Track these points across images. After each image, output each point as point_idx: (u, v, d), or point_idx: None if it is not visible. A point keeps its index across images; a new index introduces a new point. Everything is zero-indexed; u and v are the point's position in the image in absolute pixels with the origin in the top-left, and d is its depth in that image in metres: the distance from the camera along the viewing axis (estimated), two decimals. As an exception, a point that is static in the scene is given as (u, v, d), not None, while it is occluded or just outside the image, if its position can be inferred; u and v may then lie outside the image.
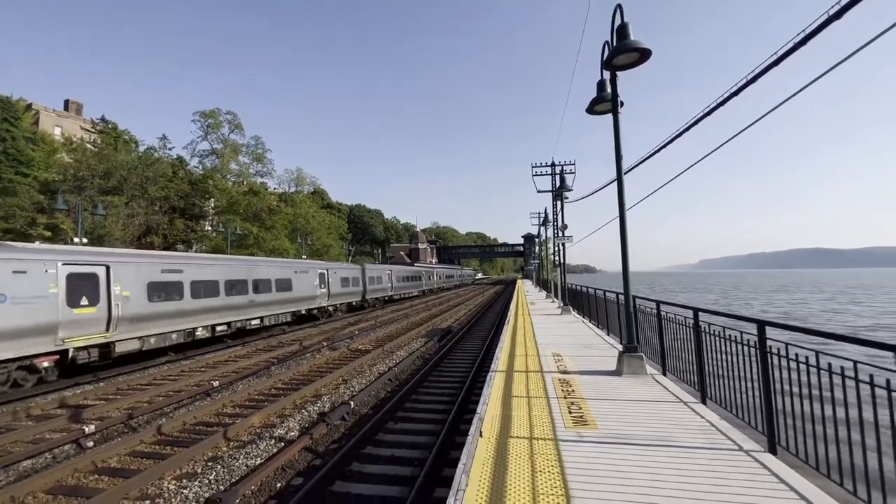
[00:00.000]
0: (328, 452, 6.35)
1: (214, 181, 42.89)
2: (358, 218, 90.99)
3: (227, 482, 5.44)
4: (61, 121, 55.11)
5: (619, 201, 6.56)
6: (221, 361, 13.03)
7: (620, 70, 6.23)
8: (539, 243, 45.52)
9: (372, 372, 11.03)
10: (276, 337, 17.84)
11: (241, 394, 9.06)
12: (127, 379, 10.96)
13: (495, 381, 6.12)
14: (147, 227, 35.62)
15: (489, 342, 14.36)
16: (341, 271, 26.13)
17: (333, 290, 24.63)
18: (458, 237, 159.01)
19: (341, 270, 26.18)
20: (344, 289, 26.09)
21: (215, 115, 47.10)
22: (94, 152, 34.42)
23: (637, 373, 6.22)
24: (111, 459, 6.13)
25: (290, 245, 43.41)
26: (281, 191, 60.80)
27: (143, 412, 8.22)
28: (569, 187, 16.41)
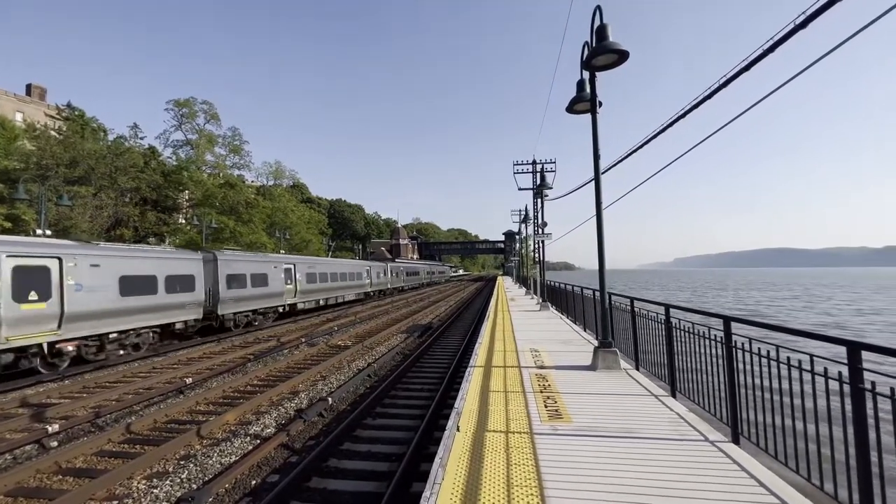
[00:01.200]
0: (305, 449, 6.29)
1: (189, 172, 41.55)
2: (338, 213, 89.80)
3: (199, 480, 5.33)
4: (23, 106, 52.31)
5: (596, 200, 6.69)
6: (195, 358, 12.71)
7: (600, 70, 6.33)
8: (519, 240, 45.98)
9: (351, 368, 10.96)
10: (252, 333, 17.50)
11: (215, 391, 8.87)
12: (94, 376, 10.58)
13: (474, 376, 6.18)
14: (116, 218, 34.28)
15: (469, 338, 14.45)
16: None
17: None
18: (439, 233, 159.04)
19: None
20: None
21: (190, 104, 45.60)
22: (58, 140, 32.80)
23: (611, 367, 6.39)
24: (76, 459, 5.92)
25: (269, 239, 42.53)
26: (259, 184, 59.45)
27: (112, 410, 7.95)
28: (549, 185, 16.62)
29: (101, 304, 11.88)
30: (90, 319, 11.59)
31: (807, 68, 4.24)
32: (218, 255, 17.08)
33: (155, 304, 13.67)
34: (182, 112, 45.66)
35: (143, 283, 13.33)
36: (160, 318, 13.94)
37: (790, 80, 4.29)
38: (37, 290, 10.41)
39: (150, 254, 14.16)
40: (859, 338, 2.80)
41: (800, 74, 4.29)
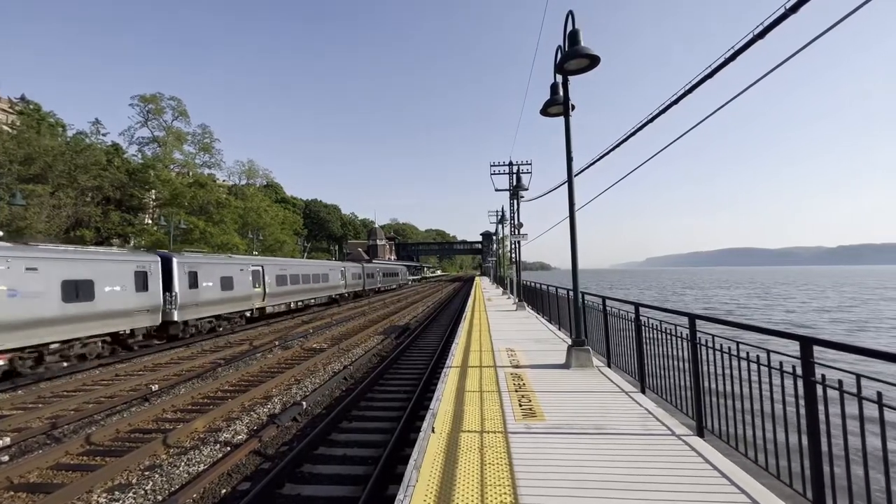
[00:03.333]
0: (278, 455, 6.15)
1: (156, 171, 39.97)
2: (314, 213, 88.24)
3: (165, 491, 5.13)
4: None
5: (569, 201, 6.82)
6: (162, 364, 12.23)
7: (572, 74, 6.46)
8: (496, 241, 46.38)
9: (326, 371, 10.79)
10: (223, 337, 16.98)
11: (183, 397, 8.56)
12: (50, 385, 10.03)
13: (450, 377, 6.19)
14: (77, 219, 32.64)
15: (446, 338, 14.46)
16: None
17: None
18: (417, 234, 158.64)
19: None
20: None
21: (156, 99, 43.89)
22: (12, 135, 30.95)
23: (584, 365, 6.52)
24: (30, 474, 5.59)
25: (241, 241, 41.38)
26: (231, 183, 57.79)
27: (70, 421, 7.56)
28: (524, 186, 16.84)
29: (39, 312, 10.87)
30: (25, 329, 10.57)
31: (766, 74, 4.45)
32: (176, 256, 16.09)
33: (102, 310, 12.59)
34: (148, 108, 43.90)
35: (89, 288, 12.32)
36: (108, 325, 12.89)
37: (757, 82, 4.50)
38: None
39: (96, 256, 13.04)
40: (813, 333, 2.96)
41: (763, 78, 4.50)
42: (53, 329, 11.22)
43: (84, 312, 12.05)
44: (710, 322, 4.02)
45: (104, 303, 12.69)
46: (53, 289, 11.27)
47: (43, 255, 11.29)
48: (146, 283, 14.30)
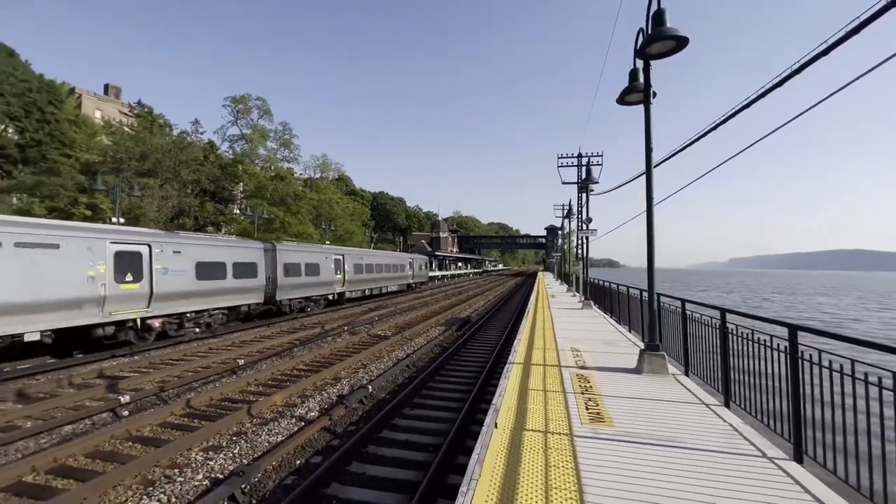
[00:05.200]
0: (346, 434, 6.52)
1: (243, 165, 43.92)
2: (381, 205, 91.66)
3: (249, 456, 5.67)
4: (101, 104, 57.31)
5: (647, 195, 6.37)
6: (247, 341, 13.50)
7: (654, 59, 5.98)
8: (562, 236, 44.86)
9: (390, 358, 11.21)
10: (298, 320, 18.32)
11: (264, 373, 9.39)
12: (159, 354, 11.51)
13: (512, 373, 6.12)
14: (179, 208, 36.90)
15: (507, 333, 14.33)
16: None
17: None
18: (479, 227, 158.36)
19: None
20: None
21: (245, 100, 48.02)
22: (131, 135, 35.74)
23: (658, 372, 6.10)
24: (144, 429, 6.48)
25: (315, 230, 44.17)
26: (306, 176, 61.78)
27: (174, 386, 8.63)
28: (595, 180, 16.02)
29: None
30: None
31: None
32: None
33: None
34: (238, 108, 48.21)
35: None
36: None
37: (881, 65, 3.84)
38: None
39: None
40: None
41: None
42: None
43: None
44: (813, 334, 3.53)
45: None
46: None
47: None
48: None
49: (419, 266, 38.09)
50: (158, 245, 12.68)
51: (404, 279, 34.05)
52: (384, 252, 34.47)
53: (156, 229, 14.89)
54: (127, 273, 11.68)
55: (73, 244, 10.49)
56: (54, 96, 34.89)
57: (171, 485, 4.86)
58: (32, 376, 9.36)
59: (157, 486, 4.81)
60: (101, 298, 10.93)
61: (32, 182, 29.47)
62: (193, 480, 4.99)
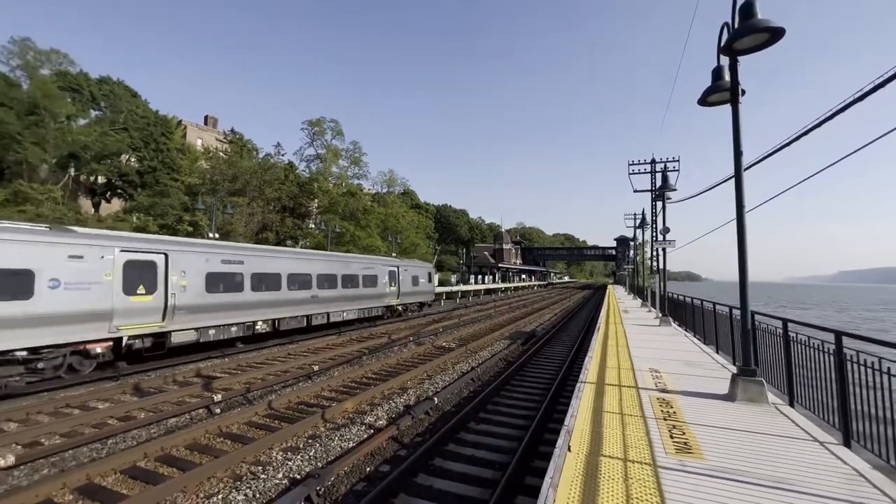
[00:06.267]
0: (412, 444, 6.59)
1: (318, 183, 47.29)
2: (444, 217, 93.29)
3: (324, 460, 5.94)
4: (202, 133, 65.19)
5: (736, 202, 5.78)
6: (321, 348, 14.29)
7: (743, 54, 5.47)
8: (634, 246, 42.25)
9: (455, 370, 11.21)
10: (367, 329, 19.06)
11: (336, 379, 9.85)
12: (245, 357, 12.58)
13: (584, 393, 5.80)
14: (263, 224, 40.52)
15: (576, 350, 13.70)
16: None
17: None
18: (544, 238, 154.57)
19: None
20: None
21: (320, 123, 51.92)
22: (224, 159, 40.18)
23: (755, 400, 5.42)
24: (233, 426, 7.07)
25: (382, 243, 46.05)
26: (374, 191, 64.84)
27: (258, 388, 9.35)
28: (672, 186, 14.91)
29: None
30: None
31: None
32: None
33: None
34: (314, 130, 52.22)
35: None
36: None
37: None
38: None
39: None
40: None
41: None
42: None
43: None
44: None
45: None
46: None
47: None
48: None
49: (411, 278, 24.53)
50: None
51: (374, 300, 21.12)
52: (321, 253, 20.19)
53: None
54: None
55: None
56: (166, 129, 40.30)
57: (255, 481, 5.22)
58: (145, 373, 10.69)
59: (244, 482, 5.20)
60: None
61: (148, 203, 34.12)
62: (274, 479, 5.33)
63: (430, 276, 27.41)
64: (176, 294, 11.73)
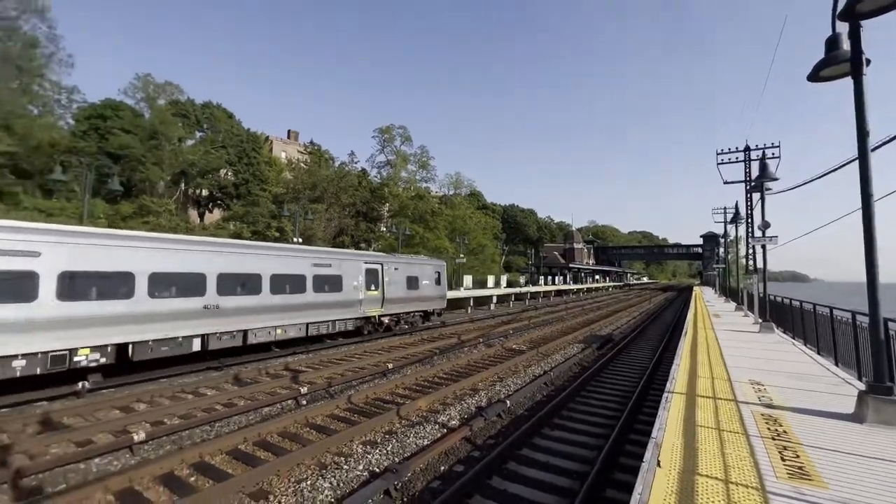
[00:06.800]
0: (485, 446, 6.55)
1: (389, 188, 49.22)
2: (511, 218, 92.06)
3: (400, 455, 6.13)
4: (285, 146, 71.10)
5: (861, 190, 4.94)
6: (395, 346, 14.82)
7: (870, 17, 4.68)
8: (725, 244, 38.20)
9: (527, 373, 10.97)
10: (437, 329, 19.39)
11: (409, 378, 10.13)
12: (327, 353, 13.44)
13: (673, 403, 5.33)
14: (340, 228, 43.11)
15: (658, 356, 12.71)
16: None
17: None
18: (619, 237, 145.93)
19: None
20: None
21: (389, 130, 54.01)
22: (305, 170, 43.46)
23: (891, 423, 4.59)
24: (317, 417, 7.58)
25: (450, 244, 46.67)
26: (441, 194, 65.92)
27: (338, 382, 9.93)
28: (772, 175, 13.18)
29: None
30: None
31: None
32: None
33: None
34: (384, 137, 54.48)
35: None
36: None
37: None
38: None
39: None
40: None
41: None
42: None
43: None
44: None
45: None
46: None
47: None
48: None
49: (405, 279, 18.85)
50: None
51: (338, 310, 15.40)
52: (232, 243, 13.40)
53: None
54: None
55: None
56: (256, 144, 44.56)
57: (338, 470, 5.54)
58: (243, 364, 11.88)
59: (329, 470, 5.54)
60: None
61: (242, 212, 37.97)
62: (355, 470, 5.60)
63: (438, 277, 21.37)
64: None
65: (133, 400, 8.58)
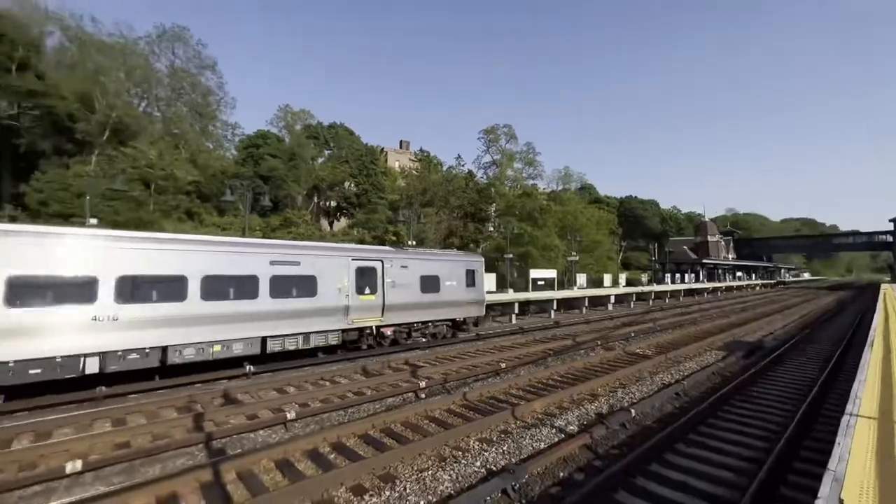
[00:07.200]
0: (609, 456, 6.13)
1: (495, 188, 49.43)
2: (629, 210, 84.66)
3: (516, 456, 6.08)
4: (398, 156, 76.55)
5: None
6: (507, 346, 14.80)
7: None
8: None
9: (654, 381, 9.96)
10: (550, 330, 18.81)
11: (523, 378, 10.00)
12: (442, 350, 14.03)
13: (857, 430, 4.29)
14: (450, 230, 44.74)
15: (830, 372, 10.39)
16: None
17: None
18: (767, 226, 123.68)
19: None
20: None
21: (494, 130, 54.21)
22: (416, 176, 46.15)
23: None
24: (435, 411, 7.95)
25: (560, 242, 44.91)
26: (549, 190, 63.82)
27: (453, 379, 10.29)
28: None
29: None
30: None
31: None
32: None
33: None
34: (489, 138, 54.90)
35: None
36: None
37: None
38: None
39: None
40: None
41: None
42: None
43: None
44: None
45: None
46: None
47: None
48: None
49: (419, 280, 14.99)
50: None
51: (314, 318, 12.20)
52: (158, 238, 10.45)
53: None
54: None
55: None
56: (373, 157, 48.86)
57: (456, 464, 5.73)
58: (369, 357, 13.08)
59: (448, 463, 5.76)
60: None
61: (364, 219, 41.97)
62: (473, 466, 5.73)
63: (472, 277, 16.64)
64: None
65: (285, 383, 10.08)
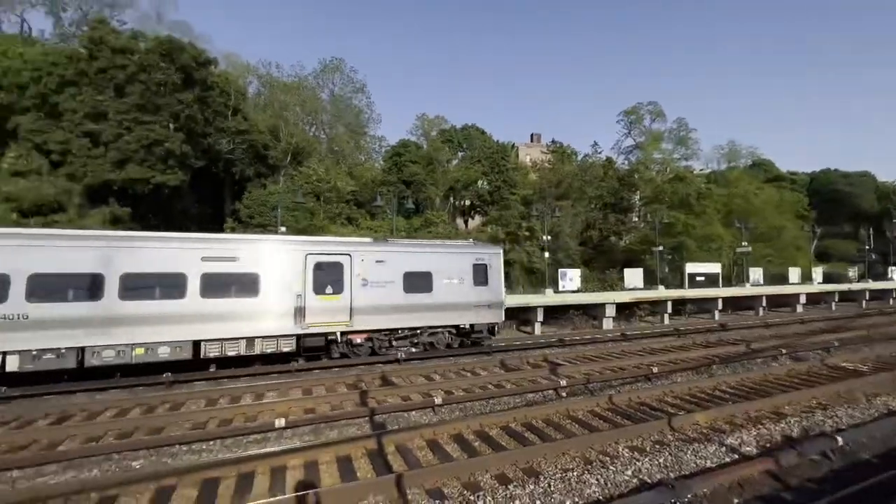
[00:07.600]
0: (804, 490, 5.03)
1: (639, 173, 44.66)
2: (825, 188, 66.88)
3: (675, 471, 5.45)
4: (529, 150, 75.15)
5: None
6: (659, 349, 13.33)
7: None
8: None
9: (872, 405, 7.76)
10: (715, 333, 16.23)
11: (680, 386, 8.89)
12: (584, 349, 13.39)
13: None
14: (587, 223, 42.14)
15: None
16: None
17: None
18: None
19: None
20: None
21: (636, 110, 49.00)
22: (549, 169, 44.68)
23: None
24: (578, 412, 7.64)
25: (725, 230, 38.16)
26: (709, 171, 54.83)
27: (596, 380, 9.73)
28: None
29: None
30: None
31: None
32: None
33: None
34: (630, 119, 49.82)
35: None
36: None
37: None
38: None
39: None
40: None
41: None
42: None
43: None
44: None
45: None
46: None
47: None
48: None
49: (402, 276, 12.59)
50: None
51: (259, 321, 11.01)
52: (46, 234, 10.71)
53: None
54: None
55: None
56: (504, 153, 49.09)
57: (604, 470, 5.41)
58: (506, 352, 13.27)
59: (594, 467, 5.49)
60: None
61: (497, 216, 42.57)
62: (623, 475, 5.33)
63: (484, 273, 13.67)
64: None
65: (432, 371, 10.94)
